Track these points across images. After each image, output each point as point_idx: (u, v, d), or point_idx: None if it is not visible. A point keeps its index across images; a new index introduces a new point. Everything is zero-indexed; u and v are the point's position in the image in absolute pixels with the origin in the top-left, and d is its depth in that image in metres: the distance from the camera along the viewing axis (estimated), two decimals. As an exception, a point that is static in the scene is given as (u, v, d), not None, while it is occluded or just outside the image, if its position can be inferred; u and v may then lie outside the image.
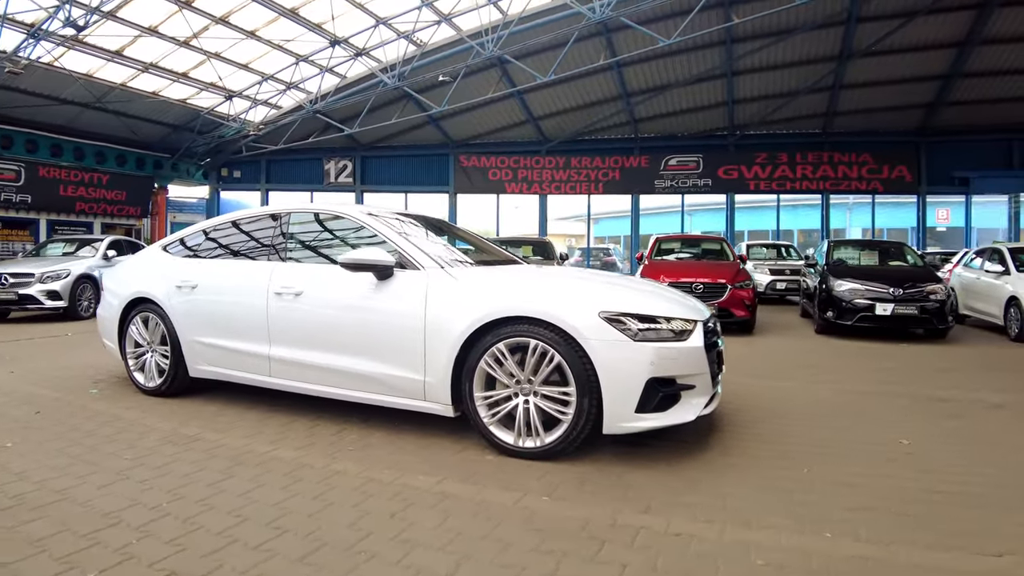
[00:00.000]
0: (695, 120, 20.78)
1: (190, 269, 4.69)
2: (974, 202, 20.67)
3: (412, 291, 3.71)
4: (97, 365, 6.02)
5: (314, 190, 22.50)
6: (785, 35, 16.02)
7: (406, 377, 3.68)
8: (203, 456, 3.41)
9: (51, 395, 4.77)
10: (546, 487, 3.06)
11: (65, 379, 5.40)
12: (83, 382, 5.27)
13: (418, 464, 3.36)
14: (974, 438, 4.09)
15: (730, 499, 2.95)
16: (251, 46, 15.39)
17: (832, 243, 11.35)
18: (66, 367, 5.97)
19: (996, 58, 16.56)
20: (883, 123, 19.79)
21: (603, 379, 3.24)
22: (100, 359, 6.23)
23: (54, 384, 5.18)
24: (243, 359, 4.31)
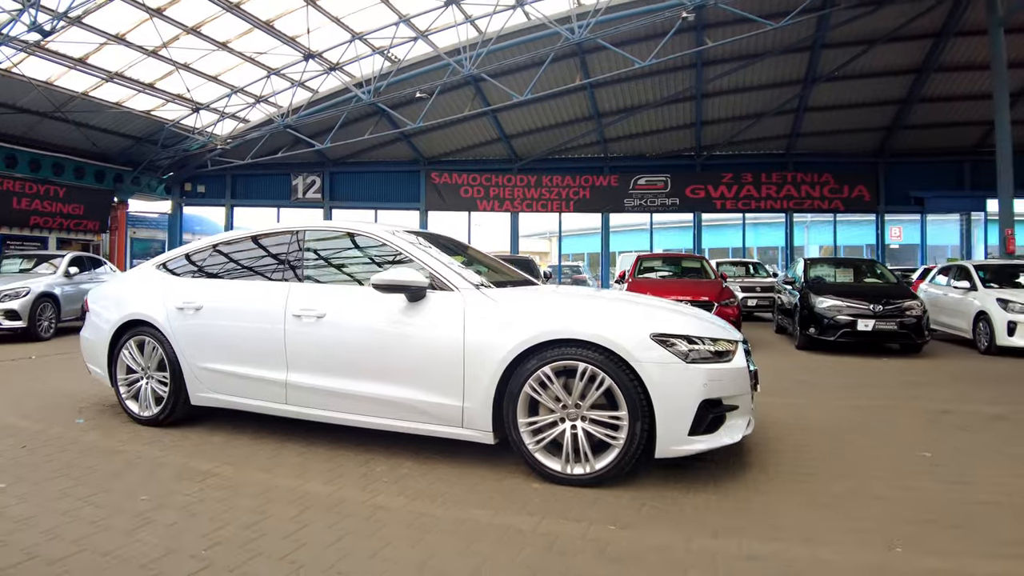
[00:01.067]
0: (663, 140, 21.19)
1: (193, 290, 4.37)
2: (928, 220, 21.64)
3: (448, 313, 3.54)
4: (74, 392, 5.60)
5: (281, 206, 21.98)
6: (754, 59, 16.52)
7: (442, 403, 3.50)
8: (227, 493, 3.13)
9: (32, 427, 4.37)
10: (607, 515, 2.95)
11: (43, 408, 4.97)
12: (64, 411, 4.86)
13: (464, 495, 3.18)
14: (991, 449, 4.20)
15: (784, 517, 2.94)
16: (222, 58, 14.99)
17: (808, 261, 11.62)
18: (40, 394, 5.53)
19: (949, 84, 17.44)
20: (844, 145, 20.55)
21: (656, 402, 3.16)
22: (75, 385, 5.82)
23: (32, 414, 4.75)
24: (255, 386, 4.03)
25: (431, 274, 3.67)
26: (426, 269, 3.71)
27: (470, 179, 22.01)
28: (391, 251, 3.98)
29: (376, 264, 4.09)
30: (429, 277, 3.63)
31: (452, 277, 3.69)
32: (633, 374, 3.18)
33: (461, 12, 14.76)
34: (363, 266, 4.19)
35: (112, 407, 4.90)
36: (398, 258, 3.93)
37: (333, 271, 4.29)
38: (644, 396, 3.17)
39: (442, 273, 3.70)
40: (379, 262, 4.08)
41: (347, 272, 4.25)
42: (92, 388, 5.60)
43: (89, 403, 5.16)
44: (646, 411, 3.17)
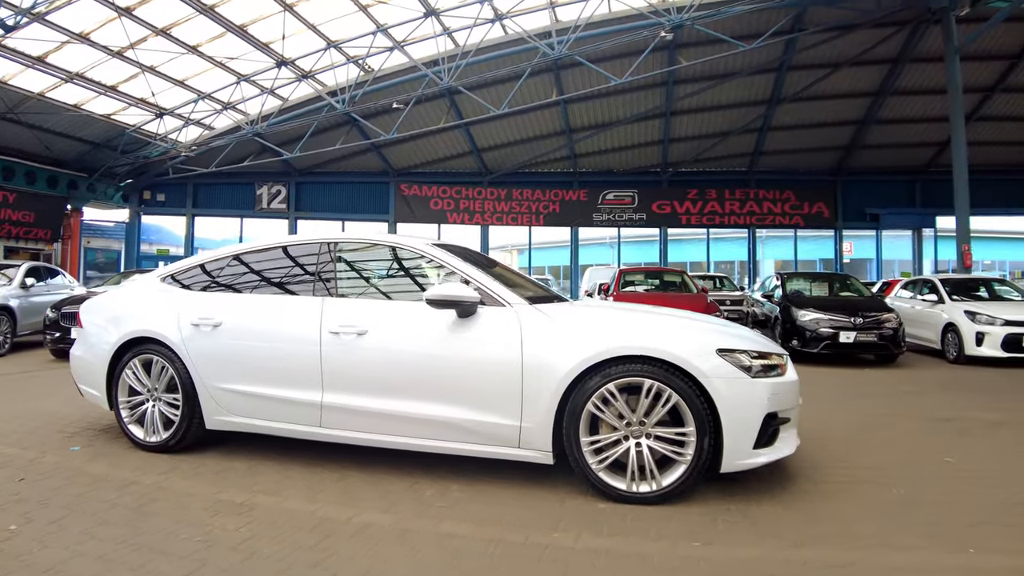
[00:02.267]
0: (632, 157, 21.55)
1: (211, 305, 4.03)
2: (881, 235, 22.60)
3: (504, 330, 3.41)
4: (53, 413, 5.15)
5: (245, 216, 21.33)
6: (724, 79, 16.99)
7: (499, 423, 3.35)
8: (278, 529, 2.89)
9: (22, 455, 3.95)
10: (685, 531, 2.91)
11: (26, 434, 4.48)
12: (52, 437, 4.43)
13: (532, 519, 3.04)
14: (1007, 453, 4.40)
15: (856, 524, 2.99)
16: (191, 62, 14.47)
17: (785, 275, 11.90)
18: (15, 417, 5.04)
19: (904, 107, 18.32)
20: (805, 163, 21.30)
21: (724, 417, 3.15)
22: (52, 406, 5.38)
23: (17, 441, 4.30)
24: (285, 408, 3.76)
25: (480, 288, 3.54)
26: (474, 283, 3.57)
27: (440, 191, 21.87)
28: (433, 265, 3.84)
29: (416, 278, 3.95)
30: (479, 292, 3.50)
31: (503, 292, 3.56)
32: (700, 390, 3.16)
33: (439, 24, 14.71)
34: (404, 280, 4.02)
35: (106, 431, 4.53)
36: (440, 272, 3.80)
37: (371, 285, 4.08)
38: (711, 411, 3.15)
39: (492, 288, 3.57)
40: (420, 276, 3.94)
41: (387, 287, 4.05)
42: (73, 409, 5.20)
43: (76, 427, 4.74)
44: (715, 427, 3.16)
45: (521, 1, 14.18)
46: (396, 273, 4.11)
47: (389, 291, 4.02)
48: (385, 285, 4.10)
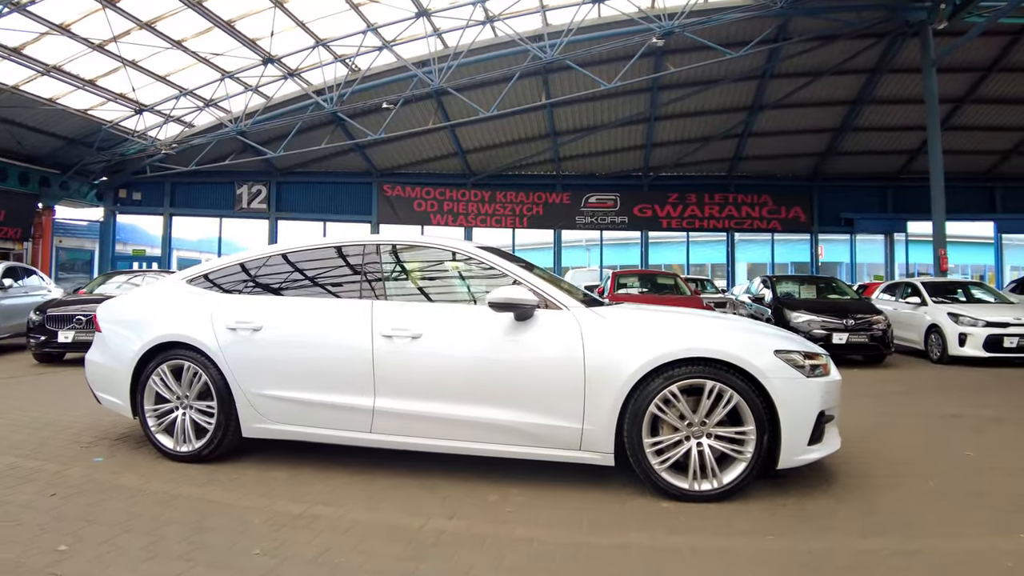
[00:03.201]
0: (614, 160, 21.76)
1: (250, 308, 3.89)
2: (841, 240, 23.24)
3: (565, 333, 3.41)
4: (58, 421, 4.91)
5: (224, 216, 20.88)
6: (708, 85, 17.27)
7: (560, 426, 3.36)
8: (351, 539, 2.80)
9: (44, 467, 3.72)
10: (756, 526, 2.98)
11: (38, 444, 4.25)
12: (67, 447, 4.19)
13: (602, 520, 3.07)
14: (1019, 447, 4.65)
15: (906, 516, 3.14)
16: (174, 57, 14.11)
17: (775, 278, 12.14)
18: (22, 427, 4.76)
19: (879, 116, 18.91)
20: (782, 168, 21.80)
21: (783, 416, 3.23)
22: (55, 413, 5.17)
23: (31, 452, 4.05)
24: (332, 414, 3.66)
25: (536, 291, 3.52)
26: (528, 286, 3.56)
27: (424, 193, 21.75)
28: (482, 268, 3.82)
29: (467, 282, 3.92)
30: (535, 295, 3.50)
31: (559, 295, 3.57)
32: (759, 389, 3.24)
33: (430, 24, 14.64)
34: (454, 284, 3.98)
35: (123, 440, 4.36)
36: (489, 275, 3.78)
37: (422, 288, 4.02)
38: (769, 410, 3.24)
39: (548, 291, 3.57)
40: (470, 280, 3.91)
41: (438, 290, 4.01)
42: (77, 417, 5.01)
43: (89, 436, 4.52)
44: (774, 425, 3.24)
45: (513, 4, 14.22)
46: (445, 276, 4.08)
47: (440, 294, 3.97)
48: (435, 288, 4.06)
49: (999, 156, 20.25)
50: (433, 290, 4.04)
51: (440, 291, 4.02)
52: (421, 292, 4.01)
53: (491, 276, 3.80)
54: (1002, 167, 20.64)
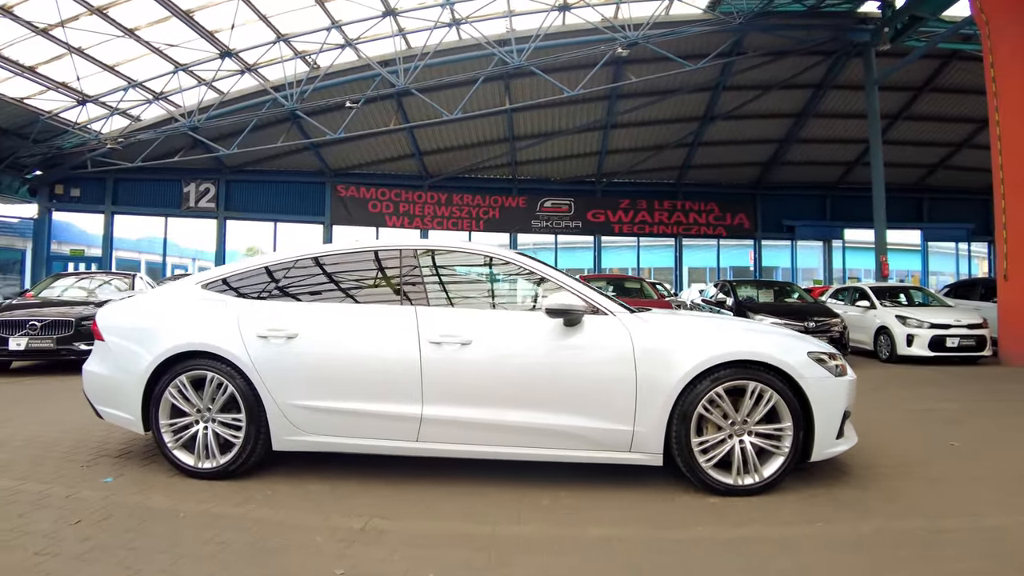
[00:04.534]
0: (569, 166, 22.10)
1: (283, 314, 3.72)
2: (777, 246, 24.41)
3: (616, 338, 3.50)
4: (41, 438, 4.54)
5: (170, 215, 19.89)
6: (665, 95, 17.81)
7: (612, 429, 3.45)
8: (427, 551, 2.75)
9: (53, 492, 3.42)
10: (802, 515, 3.20)
11: (33, 465, 3.89)
12: (65, 467, 3.87)
13: (659, 516, 3.20)
14: (994, 436, 5.07)
15: (928, 500, 3.47)
16: (125, 45, 13.36)
17: (734, 283, 12.66)
18: (2, 445, 4.37)
19: (821, 129, 20.01)
20: (728, 177, 22.68)
21: (816, 413, 3.46)
22: (33, 430, 4.79)
23: (28, 474, 3.70)
24: (376, 423, 3.57)
25: (582, 297, 3.59)
26: (573, 292, 3.61)
27: (379, 194, 21.42)
28: (523, 274, 3.86)
29: (509, 287, 3.96)
30: (584, 301, 3.57)
31: (604, 302, 3.66)
32: (798, 389, 3.45)
33: (396, 24, 14.50)
34: (497, 288, 4.00)
35: (124, 456, 4.10)
36: (531, 280, 3.84)
37: (463, 294, 4.02)
38: (807, 408, 3.46)
39: (594, 298, 3.64)
40: (511, 284, 3.95)
41: (482, 295, 4.01)
42: (66, 432, 4.69)
43: (85, 453, 4.19)
44: (808, 421, 3.47)
45: (480, 8, 14.26)
46: (486, 282, 4.09)
47: (483, 300, 3.97)
48: (477, 294, 4.05)
49: (927, 169, 21.82)
50: (475, 296, 4.04)
51: (483, 297, 4.02)
52: (463, 298, 3.99)
53: (531, 281, 3.86)
54: (929, 180, 22.24)
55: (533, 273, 3.81)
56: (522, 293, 3.94)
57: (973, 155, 20.75)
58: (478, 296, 4.04)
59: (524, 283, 3.94)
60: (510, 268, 3.96)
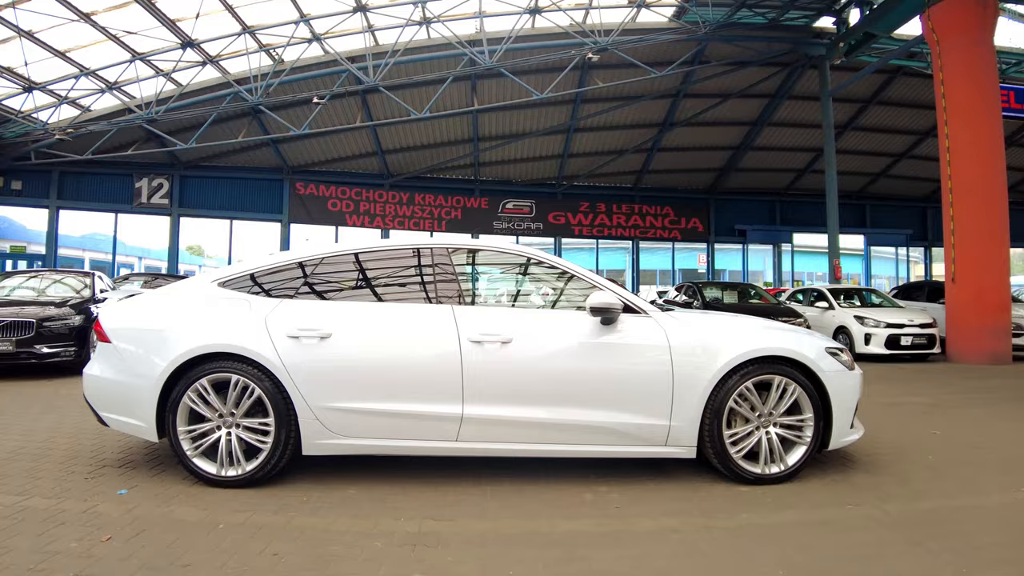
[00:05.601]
0: (531, 169, 22.30)
1: (314, 313, 3.61)
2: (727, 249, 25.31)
3: (652, 336, 3.60)
4: (24, 449, 4.19)
5: (120, 211, 18.93)
6: (629, 101, 18.20)
7: (649, 424, 3.55)
8: (501, 549, 2.75)
9: (65, 507, 3.16)
10: (830, 499, 3.44)
11: (31, 479, 3.58)
12: (67, 479, 3.58)
13: (698, 506, 3.33)
14: (969, 425, 5.47)
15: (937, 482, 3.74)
16: (80, 31, 12.72)
17: (700, 285, 13.09)
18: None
19: (774, 137, 20.84)
20: (684, 182, 23.36)
21: (834, 404, 3.68)
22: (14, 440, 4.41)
23: (28, 488, 3.41)
24: (414, 424, 3.50)
25: (620, 297, 3.68)
26: (612, 291, 3.70)
27: (339, 192, 21.04)
28: (556, 272, 3.94)
29: (543, 286, 4.01)
30: (621, 300, 3.66)
31: (638, 301, 3.76)
32: (818, 383, 3.67)
33: (366, 20, 14.31)
34: (532, 287, 4.05)
35: (129, 466, 3.86)
36: (565, 279, 3.91)
37: (500, 292, 4.05)
38: (827, 400, 3.67)
39: (629, 297, 3.74)
40: (545, 284, 4.00)
41: (519, 293, 4.04)
42: (51, 442, 4.38)
43: (83, 464, 3.90)
44: (827, 412, 3.69)
45: (452, 8, 14.24)
46: (521, 281, 4.13)
47: (520, 299, 4.02)
48: (513, 292, 4.09)
49: (870, 178, 23.05)
50: (510, 295, 4.08)
51: (517, 296, 4.06)
52: (498, 297, 4.04)
53: (564, 281, 3.92)
54: (872, 188, 23.51)
55: (565, 272, 3.88)
56: (556, 292, 3.99)
57: (912, 165, 22.14)
58: (513, 295, 4.08)
59: (557, 282, 3.98)
60: (542, 267, 4.02)
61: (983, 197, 10.79)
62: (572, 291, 3.94)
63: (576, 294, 3.92)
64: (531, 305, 3.98)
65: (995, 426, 5.47)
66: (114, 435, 4.48)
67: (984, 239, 10.79)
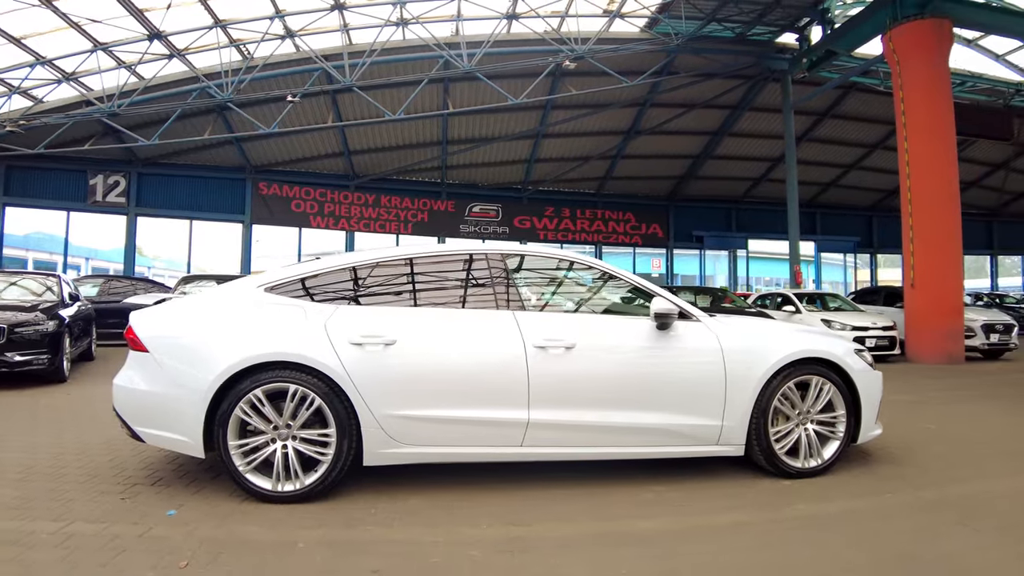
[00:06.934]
0: (498, 173, 22.40)
1: (377, 320, 3.53)
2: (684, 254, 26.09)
3: (706, 340, 3.76)
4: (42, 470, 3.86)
5: (72, 209, 17.94)
6: (598, 109, 18.53)
7: (703, 424, 3.70)
8: (603, 549, 2.82)
9: (116, 531, 2.93)
10: (868, 488, 3.68)
11: (64, 502, 3.29)
12: (102, 500, 3.34)
13: (761, 500, 3.49)
14: (960, 420, 5.86)
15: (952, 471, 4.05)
16: (37, 16, 12.09)
17: (673, 289, 13.47)
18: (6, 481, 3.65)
19: (733, 147, 21.63)
20: (644, 189, 23.94)
21: (863, 401, 3.95)
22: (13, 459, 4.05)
23: (61, 513, 3.14)
24: (480, 430, 3.51)
25: (675, 304, 3.82)
26: (666, 297, 3.83)
27: (303, 193, 20.59)
28: (607, 279, 4.05)
29: (598, 292, 4.10)
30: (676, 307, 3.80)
31: (689, 307, 3.91)
32: (849, 381, 3.93)
33: (342, 19, 14.11)
34: (587, 294, 4.12)
35: (164, 483, 3.65)
36: (619, 286, 4.03)
37: (558, 299, 4.11)
38: (857, 398, 3.94)
39: (681, 303, 3.88)
40: (599, 290, 4.10)
41: (575, 299, 4.09)
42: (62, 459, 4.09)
43: (113, 483, 3.63)
44: (857, 409, 3.96)
45: (430, 10, 14.21)
46: (576, 287, 4.21)
47: (576, 304, 4.06)
48: (570, 298, 4.14)
49: (821, 187, 24.19)
50: (567, 301, 4.12)
51: (575, 302, 4.09)
52: (556, 303, 4.10)
53: (618, 287, 4.04)
54: (822, 197, 24.68)
55: (614, 277, 3.99)
56: (609, 297, 4.11)
57: (861, 176, 23.38)
58: (570, 301, 4.11)
59: (613, 289, 4.09)
60: (591, 272, 4.14)
61: (940, 207, 11.53)
62: (624, 296, 4.06)
63: (628, 298, 4.05)
64: (586, 310, 4.03)
65: (983, 420, 5.90)
66: (128, 449, 4.29)
67: (941, 247, 11.52)
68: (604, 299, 4.13)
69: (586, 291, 4.20)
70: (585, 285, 4.22)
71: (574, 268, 4.17)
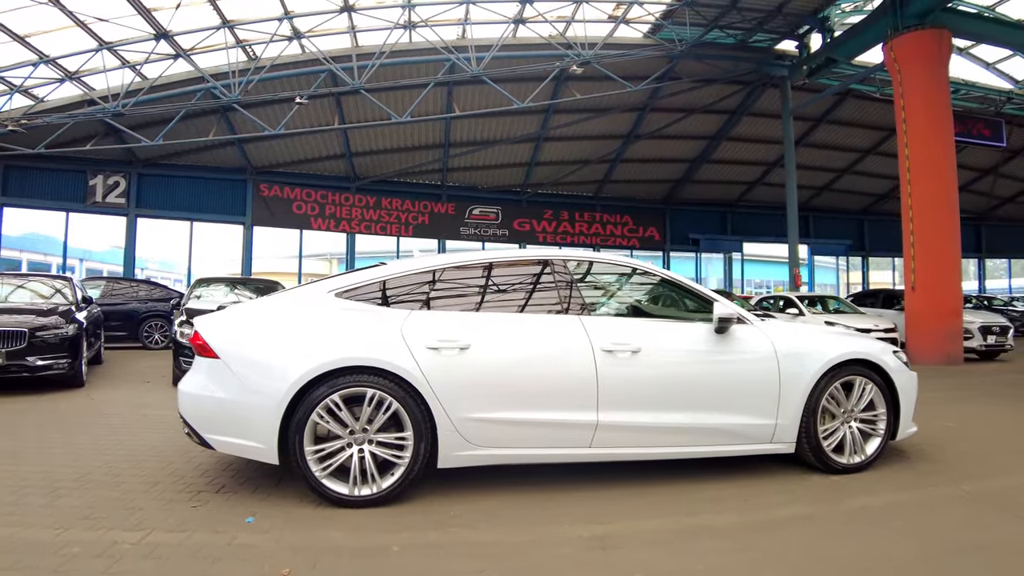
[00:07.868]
0: (498, 175, 22.50)
1: (452, 324, 3.61)
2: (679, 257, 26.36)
3: (761, 343, 3.92)
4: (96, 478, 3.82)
5: (72, 210, 17.74)
6: (600, 113, 18.71)
7: (759, 424, 3.86)
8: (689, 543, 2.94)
9: (205, 540, 2.92)
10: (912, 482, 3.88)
11: (132, 511, 3.26)
12: (169, 508, 3.31)
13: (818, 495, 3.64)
14: (974, 418, 6.06)
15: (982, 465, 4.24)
16: (45, 14, 12.01)
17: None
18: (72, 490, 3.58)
19: (730, 151, 21.90)
20: (641, 192, 24.15)
21: (902, 400, 4.19)
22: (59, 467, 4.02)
23: (144, 523, 3.11)
24: (551, 432, 3.60)
25: (732, 308, 3.96)
26: (723, 302, 3.95)
27: (304, 194, 20.53)
28: (668, 284, 4.20)
29: (657, 297, 4.25)
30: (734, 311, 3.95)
31: (744, 311, 4.05)
32: (889, 381, 4.13)
33: (351, 21, 14.15)
34: (648, 298, 4.27)
35: (227, 489, 3.65)
36: (676, 291, 4.18)
37: (619, 303, 4.23)
38: (896, 397, 4.14)
39: (737, 308, 4.03)
40: (658, 295, 4.24)
41: (637, 304, 4.21)
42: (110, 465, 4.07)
43: (174, 490, 3.61)
44: (896, 407, 4.16)
45: (438, 14, 14.30)
46: (637, 292, 4.36)
47: (639, 309, 4.18)
48: (632, 303, 4.25)
49: (815, 191, 24.55)
50: (629, 306, 4.22)
51: (636, 307, 4.20)
52: (618, 306, 4.20)
53: (675, 292, 4.18)
54: (815, 200, 25.02)
55: (671, 282, 4.15)
56: (668, 302, 4.25)
57: (854, 180, 23.79)
58: (632, 306, 4.21)
59: (667, 293, 4.23)
60: (649, 278, 4.28)
61: (940, 212, 11.81)
62: (682, 300, 4.19)
63: (686, 303, 4.16)
64: (648, 314, 4.14)
65: (998, 419, 6.10)
66: (178, 454, 4.34)
67: (941, 250, 11.79)
68: (664, 304, 4.27)
69: (647, 296, 4.32)
70: (646, 290, 4.36)
71: (636, 274, 4.27)
